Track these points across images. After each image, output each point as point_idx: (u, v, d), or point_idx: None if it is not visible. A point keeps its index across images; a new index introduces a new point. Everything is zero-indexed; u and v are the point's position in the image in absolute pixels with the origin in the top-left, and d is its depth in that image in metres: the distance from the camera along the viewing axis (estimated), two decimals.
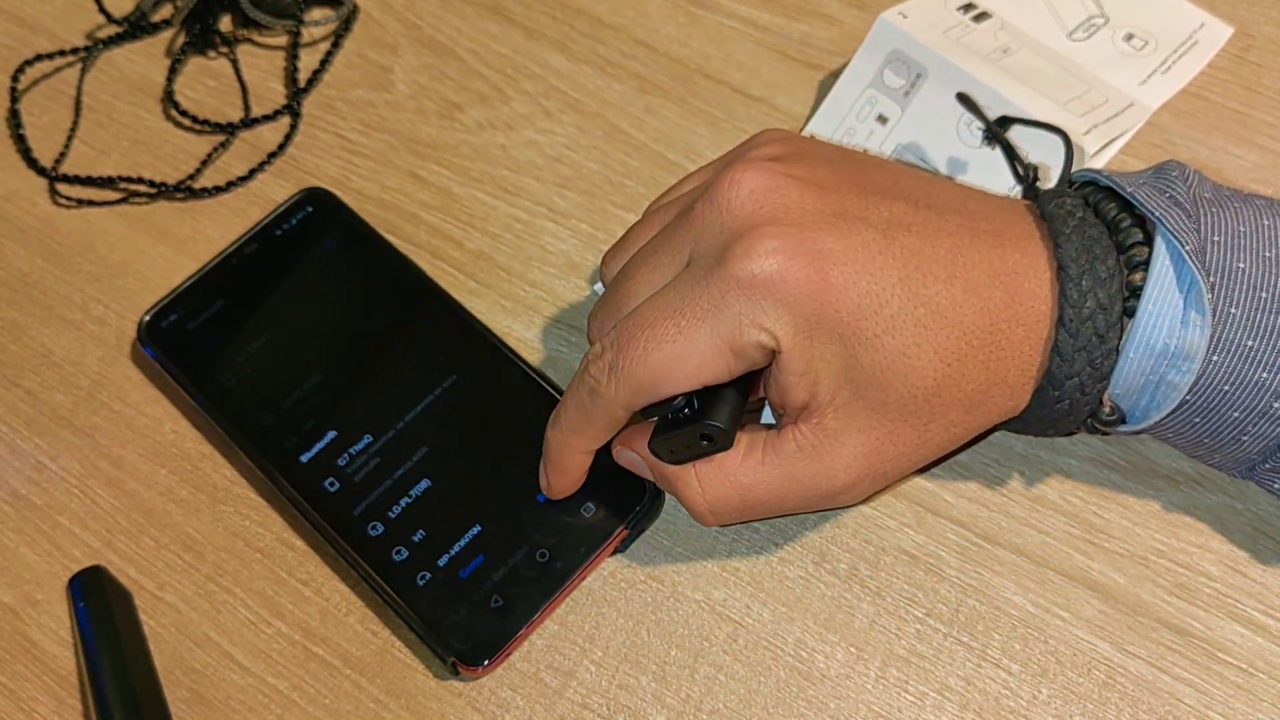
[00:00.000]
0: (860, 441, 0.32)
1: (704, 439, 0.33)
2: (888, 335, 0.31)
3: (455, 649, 0.34)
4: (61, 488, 0.39)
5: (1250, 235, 0.31)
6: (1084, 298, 0.31)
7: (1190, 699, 0.34)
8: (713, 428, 0.32)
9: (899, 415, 0.32)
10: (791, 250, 0.31)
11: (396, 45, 0.47)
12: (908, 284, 0.31)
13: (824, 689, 0.35)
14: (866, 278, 0.31)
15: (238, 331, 0.40)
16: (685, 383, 0.32)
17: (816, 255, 0.31)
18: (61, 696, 0.36)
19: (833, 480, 0.32)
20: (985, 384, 0.32)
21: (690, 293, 0.31)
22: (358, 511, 0.37)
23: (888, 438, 0.32)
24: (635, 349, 0.32)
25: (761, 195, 0.32)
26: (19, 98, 0.47)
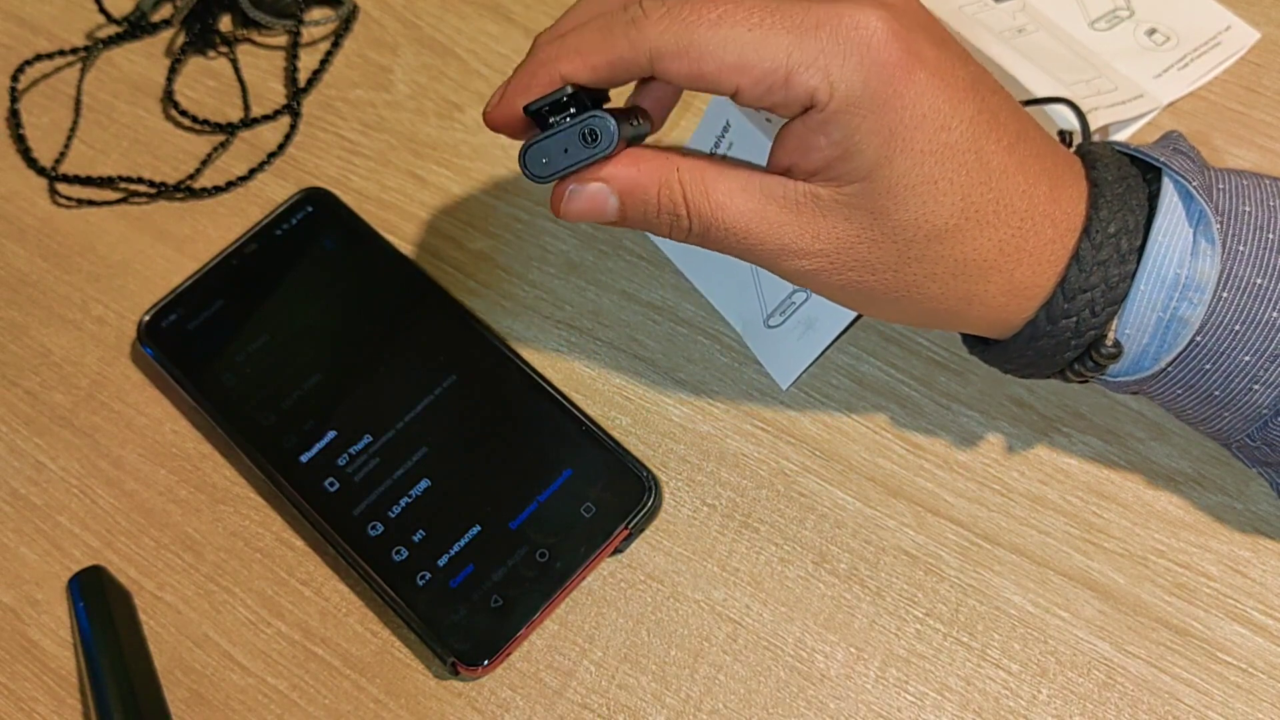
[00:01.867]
0: (844, 229, 0.31)
1: (587, 136, 0.31)
2: (932, 157, 0.30)
3: (455, 649, 0.34)
4: (61, 488, 0.39)
5: (1253, 188, 0.32)
6: (1113, 215, 0.31)
7: (1190, 699, 0.34)
8: (598, 121, 0.30)
9: (892, 232, 0.31)
10: (898, 34, 0.30)
11: (396, 45, 0.47)
12: (974, 128, 0.31)
13: (824, 689, 0.35)
14: (944, 98, 0.30)
15: (237, 331, 0.40)
16: (729, 75, 0.30)
17: (915, 53, 0.30)
18: (61, 696, 0.36)
19: (797, 239, 0.32)
20: (989, 261, 0.31)
21: (787, 6, 0.30)
22: (357, 511, 0.37)
23: (870, 243, 0.31)
24: (708, 10, 0.30)
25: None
26: (19, 98, 0.47)
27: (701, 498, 0.38)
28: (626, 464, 0.37)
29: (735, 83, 0.30)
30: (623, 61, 0.31)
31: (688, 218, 0.32)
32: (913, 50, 0.30)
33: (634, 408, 0.39)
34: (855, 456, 0.38)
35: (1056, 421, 0.38)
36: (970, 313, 0.33)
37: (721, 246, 0.33)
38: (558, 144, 0.31)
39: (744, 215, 0.32)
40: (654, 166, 0.32)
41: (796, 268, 0.32)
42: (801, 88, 0.30)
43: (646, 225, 0.33)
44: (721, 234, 0.32)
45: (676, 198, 0.32)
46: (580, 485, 0.37)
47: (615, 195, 0.32)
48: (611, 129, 0.31)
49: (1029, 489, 0.37)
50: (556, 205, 0.33)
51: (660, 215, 0.32)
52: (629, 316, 0.41)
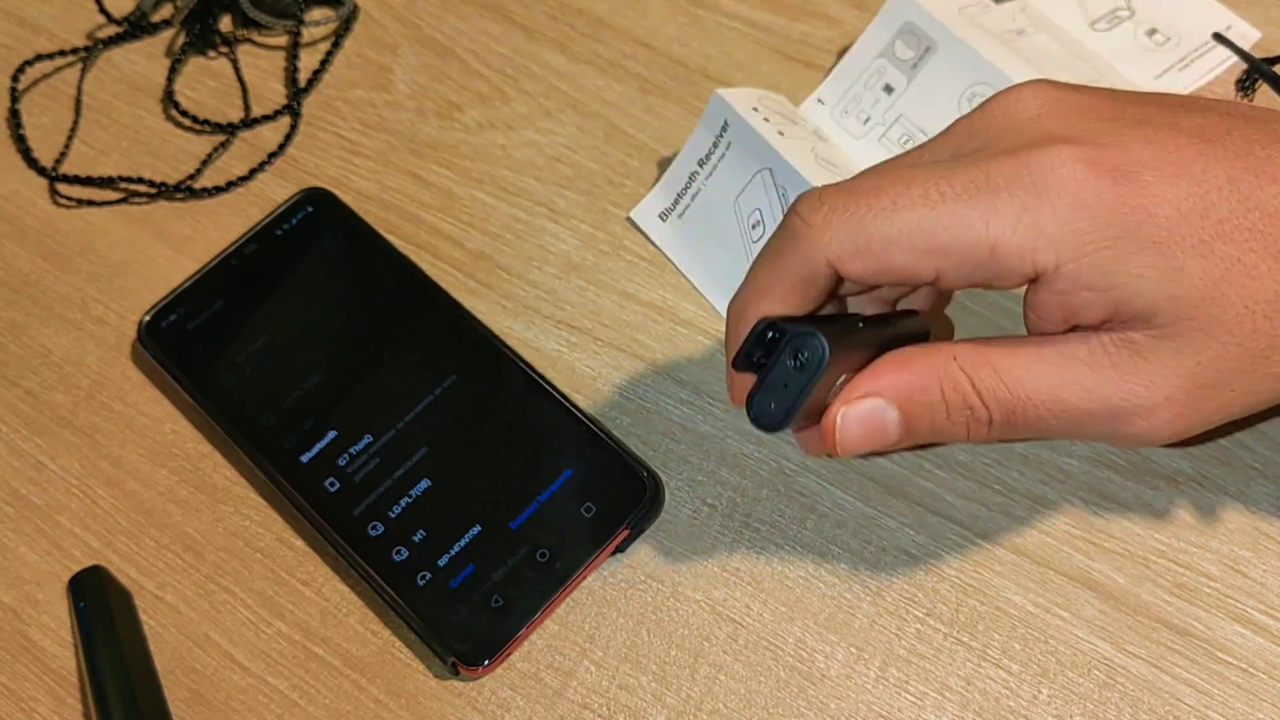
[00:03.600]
0: (1179, 363, 0.27)
1: (798, 359, 0.27)
2: (1219, 240, 0.26)
3: (455, 649, 0.34)
4: (61, 488, 0.39)
5: None
6: None
7: (1190, 699, 0.34)
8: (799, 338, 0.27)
9: (1232, 335, 0.27)
10: (1096, 161, 0.26)
11: (396, 45, 0.47)
12: (1237, 187, 0.27)
13: (824, 689, 0.35)
14: (1187, 183, 0.27)
15: (238, 331, 0.40)
16: (925, 261, 0.27)
17: (1125, 166, 0.26)
18: (61, 696, 0.36)
19: (1130, 395, 0.27)
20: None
21: (962, 170, 0.27)
22: (358, 511, 0.37)
23: (1214, 361, 0.27)
24: (876, 199, 0.27)
25: (1049, 101, 0.28)
26: (19, 98, 0.47)
27: (701, 498, 0.38)
28: (626, 464, 0.37)
29: (935, 266, 0.27)
30: (804, 281, 0.29)
31: (984, 407, 0.28)
32: (1119, 164, 0.27)
33: (634, 408, 0.39)
34: (856, 457, 0.38)
35: None
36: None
37: (1037, 431, 0.29)
38: (776, 381, 0.28)
39: (1051, 387, 0.28)
40: (928, 363, 0.29)
41: (1145, 428, 0.28)
42: (1014, 254, 0.27)
43: (938, 433, 0.29)
44: (1032, 415, 0.28)
45: (965, 388, 0.28)
46: (580, 485, 0.37)
47: (893, 407, 0.29)
48: (817, 339, 0.27)
49: (1029, 489, 0.37)
50: (830, 441, 0.29)
51: (951, 415, 0.29)
52: (629, 316, 0.41)
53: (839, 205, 0.28)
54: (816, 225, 0.28)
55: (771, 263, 0.29)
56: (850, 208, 0.28)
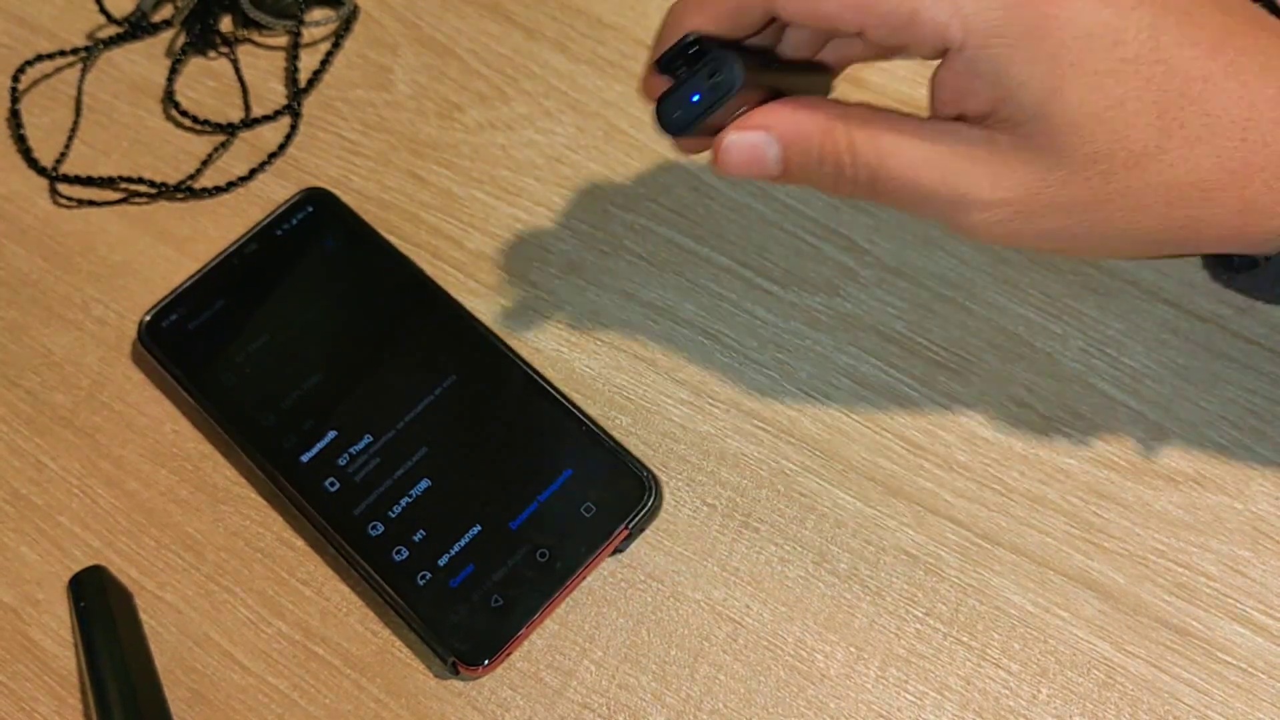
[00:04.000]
0: (1026, 173, 0.28)
1: (712, 75, 0.29)
2: (1110, 77, 0.27)
3: (455, 649, 0.34)
4: (62, 487, 0.39)
5: None
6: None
7: (1190, 699, 0.34)
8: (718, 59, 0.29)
9: (1083, 168, 0.28)
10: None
11: (396, 45, 0.47)
12: (1157, 36, 0.27)
13: (824, 689, 0.35)
14: (1110, 9, 0.27)
15: (238, 331, 0.40)
16: (850, 14, 0.28)
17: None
18: (62, 696, 0.36)
19: (975, 187, 0.29)
20: (1209, 181, 0.28)
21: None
22: (358, 511, 0.37)
23: (1060, 184, 0.28)
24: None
25: None
26: (19, 98, 0.47)
27: (701, 498, 0.38)
28: (626, 464, 0.37)
29: (859, 21, 0.28)
30: (740, 6, 0.30)
31: (854, 167, 0.30)
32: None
33: (634, 408, 0.39)
34: (855, 456, 0.38)
35: (1056, 421, 0.38)
36: (1197, 238, 0.29)
37: (892, 198, 0.30)
38: (688, 91, 0.30)
39: (915, 162, 0.29)
40: (818, 115, 0.30)
41: (978, 221, 0.30)
42: (930, 24, 0.28)
43: (808, 177, 0.31)
44: (890, 185, 0.30)
45: (842, 146, 0.30)
46: (580, 485, 0.37)
47: (777, 143, 0.30)
48: (732, 63, 0.29)
49: (1029, 489, 0.37)
50: (715, 159, 0.30)
51: (823, 166, 0.30)
52: (629, 316, 0.41)
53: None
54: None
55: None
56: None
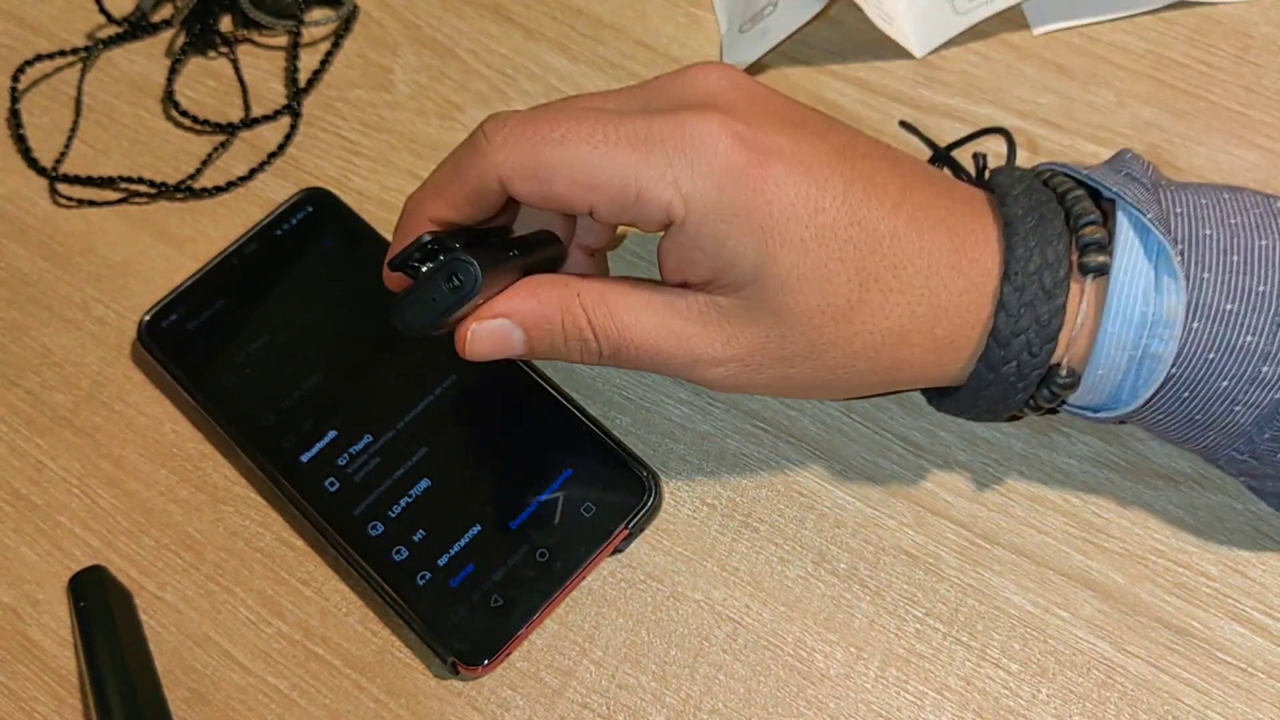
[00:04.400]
0: (751, 332, 0.31)
1: (452, 280, 0.30)
2: (814, 243, 0.30)
3: (455, 649, 0.34)
4: (62, 487, 0.39)
5: (1212, 207, 0.31)
6: (1030, 253, 0.31)
7: (1190, 699, 0.34)
8: (458, 263, 0.29)
9: (798, 325, 0.31)
10: (742, 137, 0.30)
11: (396, 45, 0.47)
12: (849, 201, 0.30)
13: (824, 689, 0.35)
14: (808, 182, 0.30)
15: (238, 331, 0.40)
16: (581, 194, 0.30)
17: (765, 149, 0.30)
18: (62, 696, 0.36)
19: (708, 348, 0.32)
20: (905, 326, 0.31)
21: (629, 120, 0.30)
22: (358, 511, 0.37)
23: (780, 340, 0.31)
24: (550, 129, 0.30)
25: (729, 84, 0.32)
26: (19, 98, 0.47)
27: (701, 498, 0.38)
28: (626, 464, 0.37)
29: (589, 201, 0.30)
30: (476, 192, 0.31)
31: (595, 341, 0.32)
32: (761, 146, 0.30)
33: (634, 408, 0.39)
34: (855, 456, 0.38)
35: (1056, 421, 0.38)
36: (905, 376, 0.33)
37: (634, 364, 0.33)
38: (425, 294, 0.30)
39: (651, 332, 0.32)
40: (554, 295, 0.32)
41: (715, 375, 0.32)
42: (654, 203, 0.30)
43: (555, 353, 0.33)
44: (632, 353, 0.32)
45: (581, 323, 0.32)
46: (580, 485, 0.37)
47: (519, 329, 0.32)
48: (473, 270, 0.30)
49: (1029, 489, 0.37)
50: (461, 348, 0.32)
51: (568, 343, 0.32)
52: None
53: (518, 129, 0.30)
54: (495, 144, 0.30)
55: (451, 170, 0.32)
56: (527, 134, 0.30)
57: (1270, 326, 0.30)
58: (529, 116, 0.31)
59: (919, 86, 0.44)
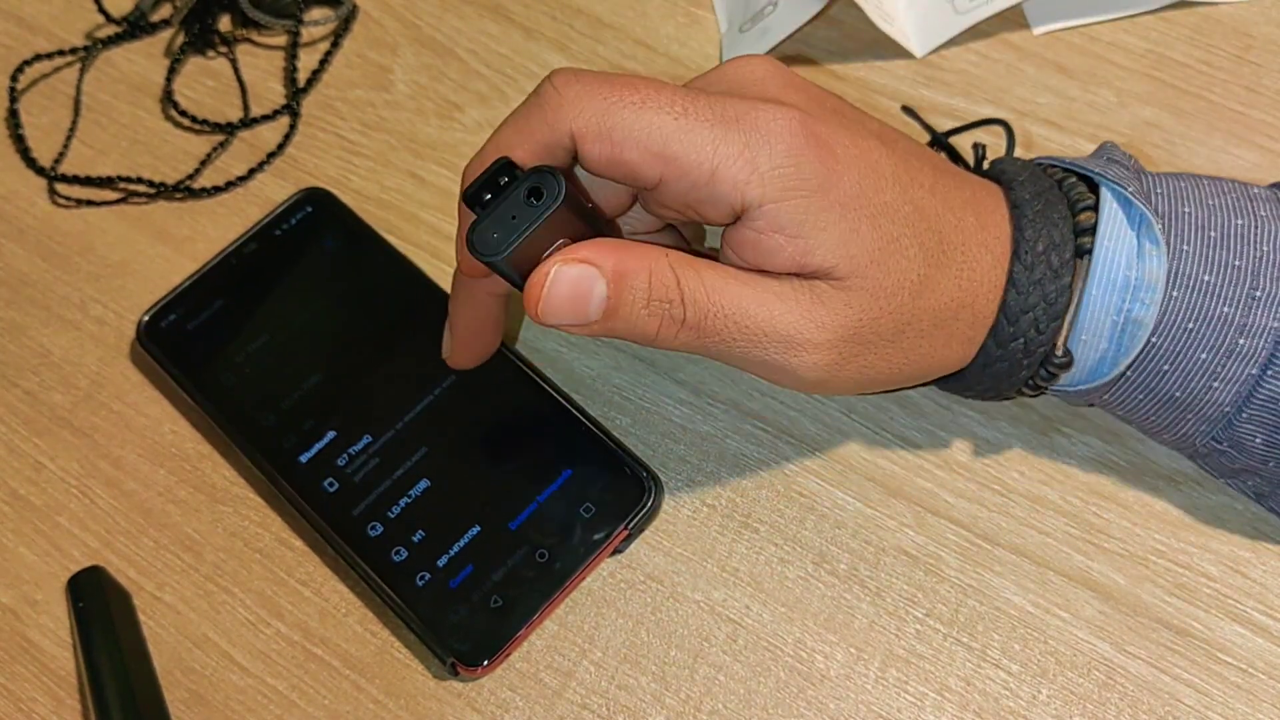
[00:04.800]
0: (845, 314, 0.30)
1: (533, 195, 0.28)
2: (884, 218, 0.30)
3: (454, 649, 0.34)
4: (60, 488, 0.39)
5: (1191, 189, 0.33)
6: (1038, 234, 0.32)
7: (1190, 699, 0.34)
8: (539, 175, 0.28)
9: (887, 302, 0.31)
10: (809, 120, 0.30)
11: (396, 45, 0.47)
12: (899, 182, 0.31)
13: (824, 689, 0.35)
14: (867, 164, 0.31)
15: (237, 331, 0.40)
16: (653, 163, 0.29)
17: (830, 132, 0.30)
18: (60, 697, 0.36)
19: (802, 329, 0.30)
20: (956, 301, 0.32)
21: (708, 98, 0.30)
22: (357, 512, 0.37)
23: (871, 322, 0.31)
24: (629, 93, 0.29)
25: (771, 71, 0.32)
26: (18, 98, 0.47)
27: (701, 498, 0.38)
28: (626, 464, 0.37)
29: (659, 173, 0.29)
30: (545, 147, 0.30)
31: (682, 304, 0.30)
32: (827, 130, 0.30)
33: (634, 408, 0.39)
34: (855, 456, 0.38)
35: (1056, 421, 0.38)
36: (948, 356, 0.33)
37: (719, 339, 0.31)
38: (505, 213, 0.28)
39: (743, 300, 0.30)
40: (642, 252, 0.30)
41: (805, 364, 0.31)
42: (729, 182, 0.29)
43: (633, 321, 0.30)
44: (719, 323, 0.30)
45: (669, 281, 0.30)
46: (580, 485, 0.37)
47: (603, 280, 0.29)
48: (556, 177, 0.28)
49: (1029, 489, 0.37)
50: (535, 298, 0.29)
51: (650, 305, 0.30)
52: None
53: (593, 85, 0.29)
54: (568, 98, 0.29)
55: (517, 124, 0.30)
56: (603, 92, 0.29)
57: (1245, 299, 0.31)
58: (605, 77, 0.30)
59: (919, 86, 0.44)
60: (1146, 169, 0.34)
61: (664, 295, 0.30)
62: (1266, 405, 0.32)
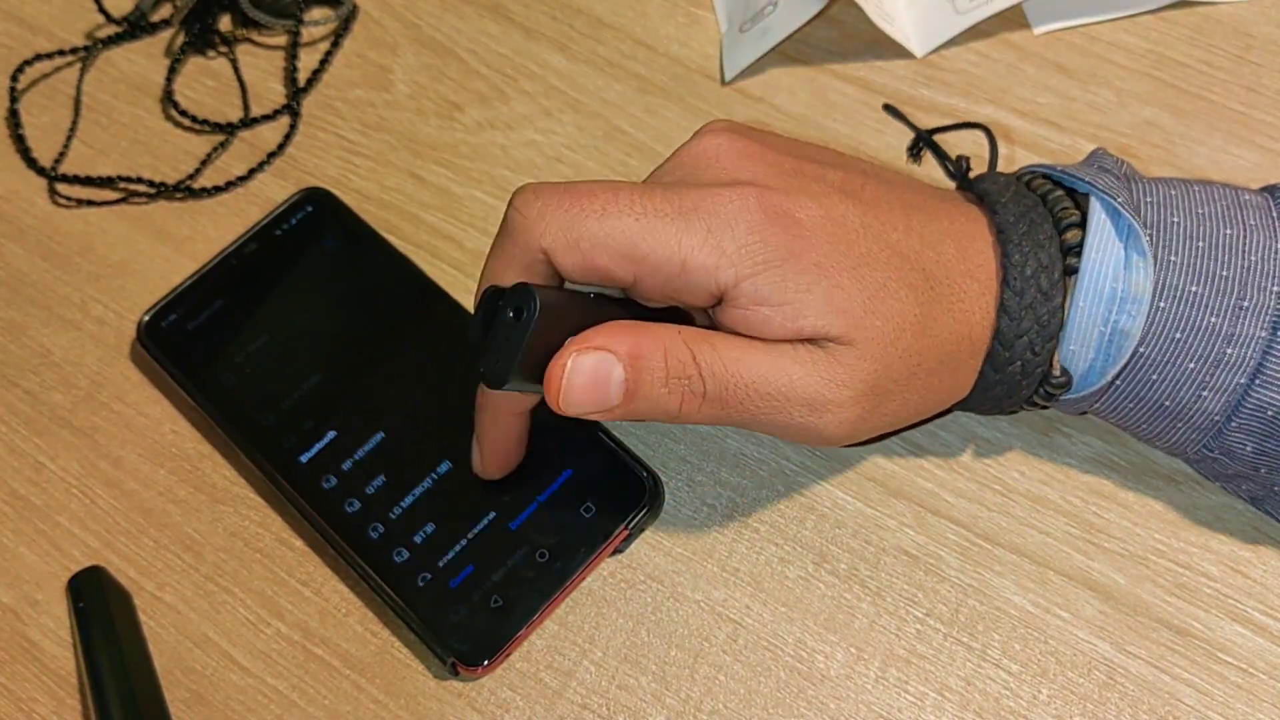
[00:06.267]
0: (860, 367, 0.30)
1: (515, 313, 0.29)
2: (864, 268, 0.31)
3: (455, 649, 0.34)
4: (61, 488, 0.39)
5: (1181, 198, 0.33)
6: (1026, 258, 0.32)
7: (1190, 699, 0.34)
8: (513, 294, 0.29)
9: (892, 346, 0.31)
10: (767, 196, 0.30)
11: (396, 45, 0.47)
12: (869, 229, 0.31)
13: (824, 689, 0.35)
14: (832, 224, 0.31)
15: (237, 331, 0.40)
16: (625, 265, 0.30)
17: (785, 205, 0.31)
18: (61, 697, 0.36)
19: (821, 389, 0.30)
20: (955, 334, 0.32)
21: (665, 191, 0.30)
22: (357, 511, 0.37)
23: (884, 370, 0.31)
24: (588, 201, 0.30)
25: (724, 145, 0.32)
26: (18, 98, 0.47)
27: (701, 498, 0.38)
28: (626, 464, 0.37)
29: (633, 273, 0.30)
30: (527, 267, 0.31)
31: (701, 379, 0.30)
32: (786, 200, 0.31)
33: None
34: (855, 456, 0.38)
35: (1056, 421, 0.38)
36: (957, 386, 0.33)
37: (742, 409, 0.31)
38: (499, 338, 0.29)
39: (761, 368, 0.30)
40: (654, 332, 0.31)
41: (832, 422, 0.31)
42: (700, 270, 0.30)
43: (653, 399, 0.31)
44: (741, 392, 0.30)
45: (685, 358, 0.30)
46: (580, 485, 0.37)
47: (620, 365, 0.30)
48: (528, 290, 0.29)
49: (1029, 489, 0.37)
50: (555, 391, 0.30)
51: (669, 382, 0.30)
52: None
53: (554, 201, 0.30)
54: (532, 218, 0.30)
55: (496, 254, 0.32)
56: (565, 205, 0.30)
57: (1233, 309, 0.31)
58: (563, 188, 0.31)
59: (919, 86, 0.44)
60: (1139, 173, 0.34)
61: (681, 372, 0.30)
62: (1256, 414, 0.32)
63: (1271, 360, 0.31)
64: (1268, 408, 0.31)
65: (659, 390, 0.30)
